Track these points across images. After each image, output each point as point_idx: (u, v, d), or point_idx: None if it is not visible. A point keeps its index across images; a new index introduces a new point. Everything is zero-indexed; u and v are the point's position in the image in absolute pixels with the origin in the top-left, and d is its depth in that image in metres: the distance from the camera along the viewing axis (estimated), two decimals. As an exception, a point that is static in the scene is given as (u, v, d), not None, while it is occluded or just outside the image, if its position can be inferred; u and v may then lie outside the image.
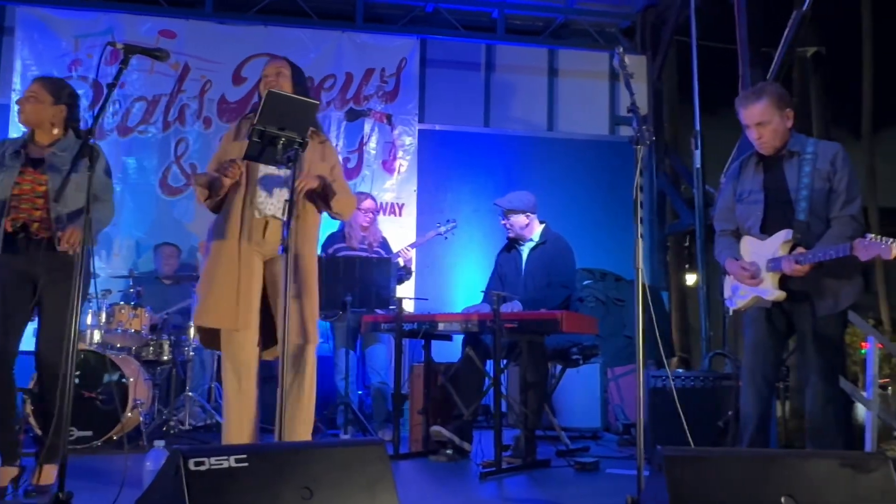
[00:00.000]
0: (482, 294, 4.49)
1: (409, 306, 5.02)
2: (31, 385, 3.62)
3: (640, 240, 2.53)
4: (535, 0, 7.13)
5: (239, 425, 2.86)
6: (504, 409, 3.94)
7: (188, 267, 6.04)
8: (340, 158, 3.32)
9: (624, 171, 6.58)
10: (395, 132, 6.67)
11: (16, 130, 6.22)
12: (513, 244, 4.43)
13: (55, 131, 3.09)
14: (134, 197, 6.32)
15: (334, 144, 3.29)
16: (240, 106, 6.49)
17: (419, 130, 6.73)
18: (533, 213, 4.35)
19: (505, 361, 4.04)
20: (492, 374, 3.83)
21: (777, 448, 3.71)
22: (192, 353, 5.05)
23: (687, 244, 8.23)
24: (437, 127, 6.95)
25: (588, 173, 7.04)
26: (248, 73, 6.52)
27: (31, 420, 3.94)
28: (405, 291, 5.50)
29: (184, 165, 6.42)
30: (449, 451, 4.02)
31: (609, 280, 6.51)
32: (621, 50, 2.68)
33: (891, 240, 2.52)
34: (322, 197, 3.02)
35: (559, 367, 4.47)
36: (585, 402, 5.48)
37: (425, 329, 4.06)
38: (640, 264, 2.51)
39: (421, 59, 6.87)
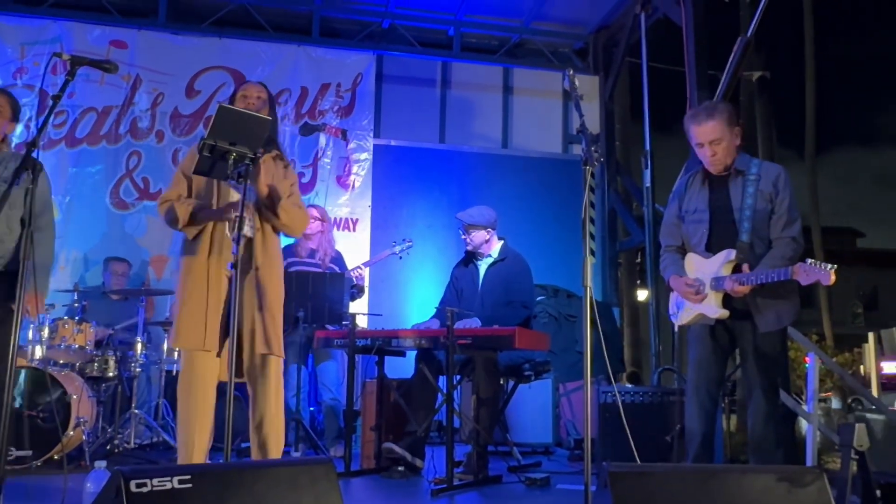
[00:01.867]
0: (434, 309, 4.49)
1: (362, 322, 4.99)
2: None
3: (588, 258, 2.57)
4: (491, 19, 7.22)
5: (193, 445, 2.80)
6: (457, 424, 3.94)
7: (137, 281, 5.91)
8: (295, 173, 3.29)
9: (576, 189, 6.70)
10: (350, 147, 6.65)
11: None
12: (470, 258, 4.45)
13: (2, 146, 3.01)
14: (82, 210, 6.16)
15: (288, 159, 3.28)
16: (193, 119, 6.41)
17: (374, 146, 6.73)
18: (493, 228, 4.38)
19: (458, 377, 4.04)
20: (445, 390, 3.83)
21: (722, 462, 3.79)
22: (138, 370, 4.93)
23: (638, 260, 8.39)
24: (393, 142, 6.98)
25: (541, 190, 7.13)
26: (202, 86, 6.45)
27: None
28: (358, 307, 5.47)
29: (136, 179, 6.30)
30: (401, 468, 3.99)
31: (561, 296, 6.58)
32: (571, 72, 2.74)
33: (830, 266, 2.61)
34: (269, 206, 2.98)
35: (511, 382, 4.49)
36: (537, 418, 5.51)
37: (379, 345, 4.04)
38: (589, 282, 2.55)
39: (377, 75, 6.90)
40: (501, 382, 4.29)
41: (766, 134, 8.43)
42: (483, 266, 4.38)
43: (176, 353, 5.10)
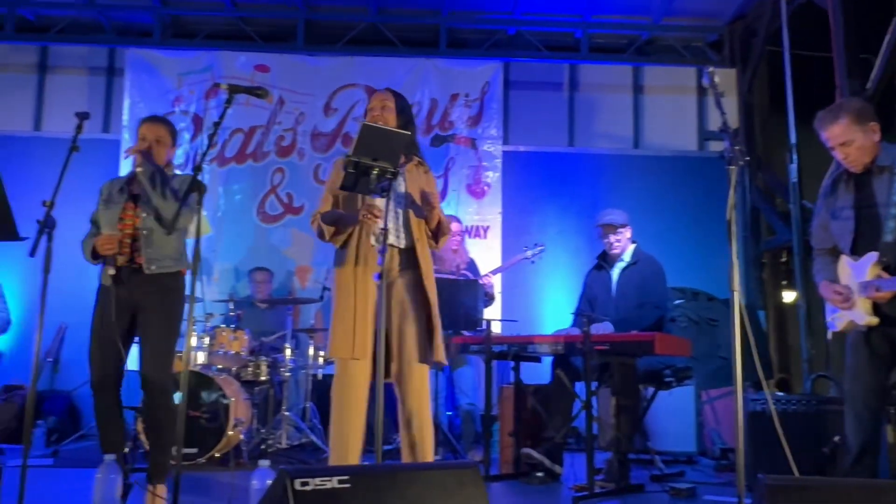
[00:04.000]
0: (572, 316, 4.47)
1: (496, 328, 5.04)
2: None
3: (735, 261, 2.48)
4: (620, 18, 7.09)
5: (346, 448, 2.91)
6: (595, 431, 3.91)
7: (283, 291, 6.28)
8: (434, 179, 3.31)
9: (714, 187, 6.42)
10: (479, 155, 6.75)
11: (127, 164, 6.67)
12: (602, 264, 4.40)
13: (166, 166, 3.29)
14: (232, 224, 6.63)
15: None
16: (331, 136, 6.74)
17: (503, 152, 6.79)
18: (629, 230, 4.33)
19: (595, 384, 4.00)
20: (583, 397, 3.81)
21: (888, 478, 3.52)
22: (287, 374, 5.23)
23: (784, 260, 7.92)
24: (522, 148, 7.00)
25: (676, 190, 6.91)
26: (338, 104, 6.77)
27: (142, 437, 4.19)
28: (491, 313, 5.53)
29: (280, 194, 6.70)
30: (540, 474, 4.00)
31: (701, 299, 6.34)
32: (712, 69, 2.65)
33: None
34: (423, 213, 3.03)
35: (651, 389, 4.39)
36: (679, 426, 5.34)
37: (515, 351, 4.07)
38: (737, 286, 2.46)
39: (504, 82, 6.95)
40: (641, 389, 4.20)
41: (928, 119, 7.72)
42: (616, 271, 4.32)
43: (321, 359, 5.38)
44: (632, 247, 4.34)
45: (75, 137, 2.73)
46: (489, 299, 5.31)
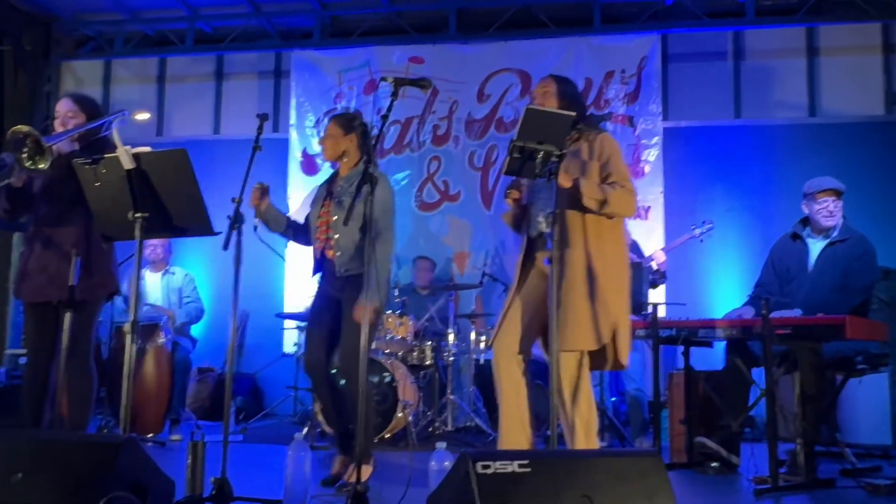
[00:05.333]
0: (753, 289, 4.18)
1: (662, 312, 4.86)
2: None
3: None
4: (790, -24, 6.57)
5: (512, 433, 2.97)
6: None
7: (443, 277, 6.42)
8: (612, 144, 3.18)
9: (906, 154, 5.82)
10: (638, 133, 6.53)
11: (294, 161, 7.10)
12: (799, 234, 4.07)
13: (351, 160, 3.48)
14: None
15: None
16: (485, 122, 6.79)
17: (663, 129, 6.52)
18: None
19: (776, 370, 3.75)
20: (761, 384, 3.59)
21: None
22: (451, 359, 5.35)
23: None
24: (683, 124, 6.70)
25: (860, 160, 6.30)
26: (491, 90, 6.81)
27: (319, 417, 4.46)
28: (658, 297, 5.35)
29: (437, 182, 6.85)
30: (715, 464, 3.83)
31: (893, 279, 5.76)
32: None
33: None
34: (581, 197, 2.94)
35: (839, 376, 4.05)
36: (872, 417, 4.89)
37: (685, 335, 3.91)
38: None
39: (662, 55, 6.66)
40: (827, 376, 3.89)
41: None
42: (817, 245, 3.95)
43: (482, 344, 5.47)
44: (840, 222, 3.99)
45: (257, 137, 2.92)
46: (660, 277, 5.13)
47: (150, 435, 4.68)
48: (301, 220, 3.64)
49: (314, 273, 3.52)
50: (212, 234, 2.93)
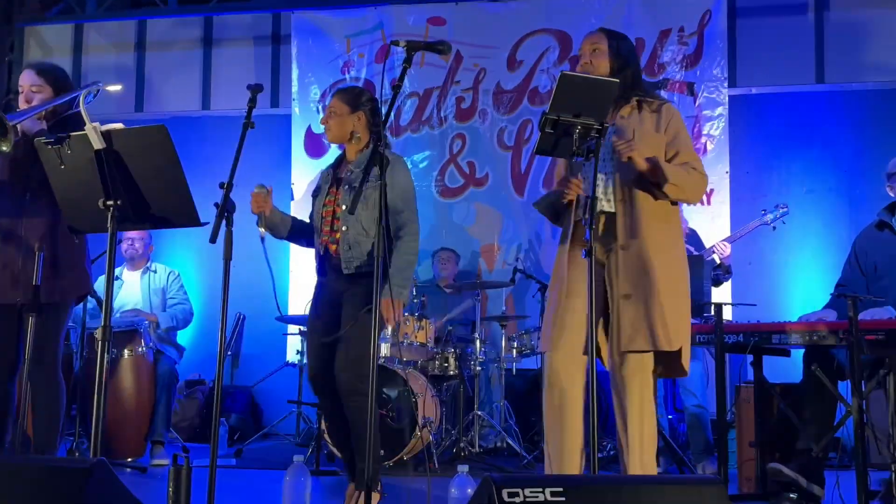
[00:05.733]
0: (835, 290, 4.14)
1: (727, 313, 4.83)
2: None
3: None
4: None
5: (561, 454, 2.95)
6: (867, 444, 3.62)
7: (469, 274, 6.42)
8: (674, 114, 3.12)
9: None
10: (699, 103, 6.47)
11: (298, 140, 7.13)
12: (887, 222, 4.02)
13: (360, 142, 3.47)
14: (411, 201, 6.86)
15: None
16: (516, 94, 6.76)
17: (730, 97, 6.45)
18: None
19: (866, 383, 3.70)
20: (849, 400, 3.54)
21: None
22: (478, 368, 5.34)
23: None
24: (754, 90, 6.64)
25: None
26: (524, 55, 6.77)
27: (327, 437, 4.48)
28: (721, 296, 5.30)
29: (461, 164, 6.84)
30: (793, 495, 3.79)
31: None
32: None
33: None
34: (654, 182, 2.92)
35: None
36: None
37: (755, 342, 3.88)
38: None
39: (729, 10, 6.58)
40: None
41: None
42: None
43: (514, 351, 5.46)
44: None
45: (249, 113, 2.92)
46: (724, 273, 5.08)
47: (130, 459, 4.73)
48: (307, 218, 3.66)
49: (318, 274, 3.54)
50: (198, 224, 2.94)
